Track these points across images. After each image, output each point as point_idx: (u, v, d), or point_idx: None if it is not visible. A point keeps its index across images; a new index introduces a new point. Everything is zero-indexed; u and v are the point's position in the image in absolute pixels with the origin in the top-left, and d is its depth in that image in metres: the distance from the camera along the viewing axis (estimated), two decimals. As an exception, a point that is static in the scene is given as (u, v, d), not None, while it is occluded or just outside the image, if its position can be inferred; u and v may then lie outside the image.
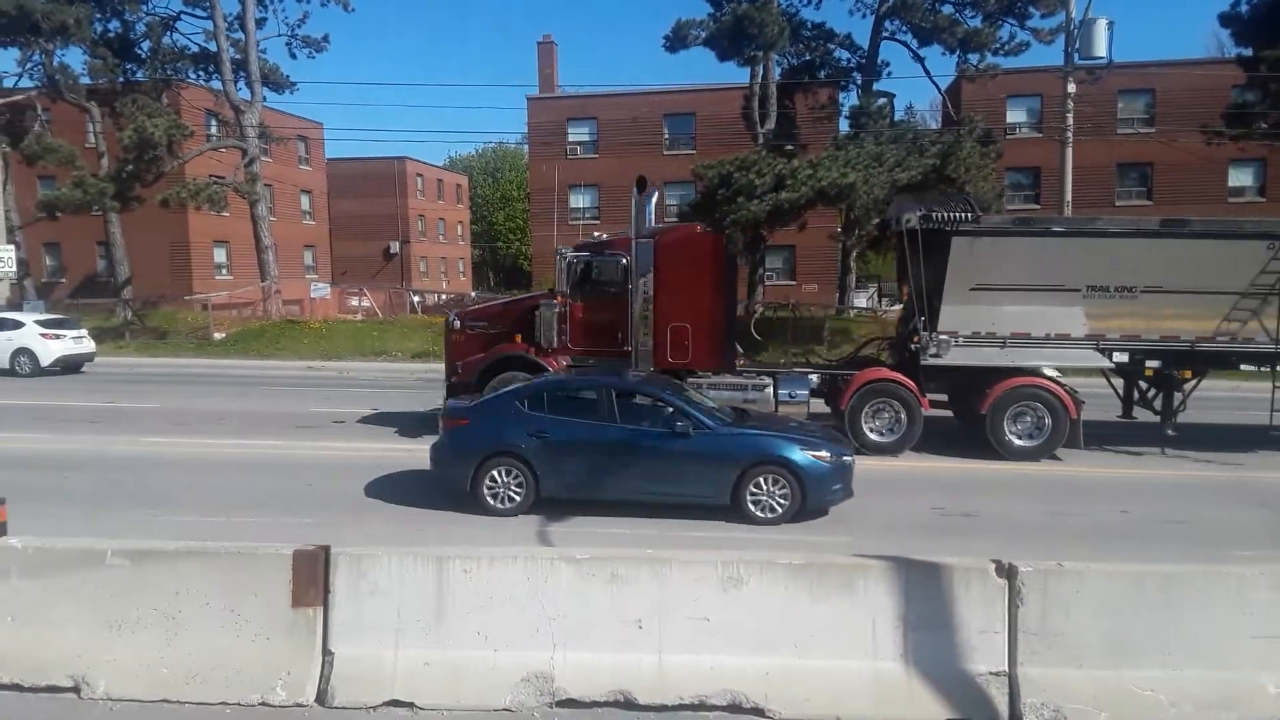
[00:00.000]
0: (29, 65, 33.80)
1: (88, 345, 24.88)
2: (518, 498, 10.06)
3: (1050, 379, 13.67)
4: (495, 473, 10.07)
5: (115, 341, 30.91)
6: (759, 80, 32.90)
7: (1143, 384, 14.56)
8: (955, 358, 13.66)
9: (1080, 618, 5.42)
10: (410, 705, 5.43)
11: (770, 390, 13.84)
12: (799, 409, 13.73)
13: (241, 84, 34.35)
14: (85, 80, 34.21)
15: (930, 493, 11.35)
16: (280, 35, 37.52)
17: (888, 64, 34.80)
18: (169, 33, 35.60)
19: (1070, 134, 26.17)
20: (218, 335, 32.28)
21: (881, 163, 25.67)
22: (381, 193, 64.07)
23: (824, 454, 9.84)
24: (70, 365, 24.01)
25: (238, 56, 34.49)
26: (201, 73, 36.59)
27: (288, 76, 36.99)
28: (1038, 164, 38.07)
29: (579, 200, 44.81)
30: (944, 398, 14.48)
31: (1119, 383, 14.95)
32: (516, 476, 10.05)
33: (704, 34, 31.13)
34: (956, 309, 13.58)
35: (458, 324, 15.33)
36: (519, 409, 10.22)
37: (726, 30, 30.38)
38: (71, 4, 31.24)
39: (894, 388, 13.70)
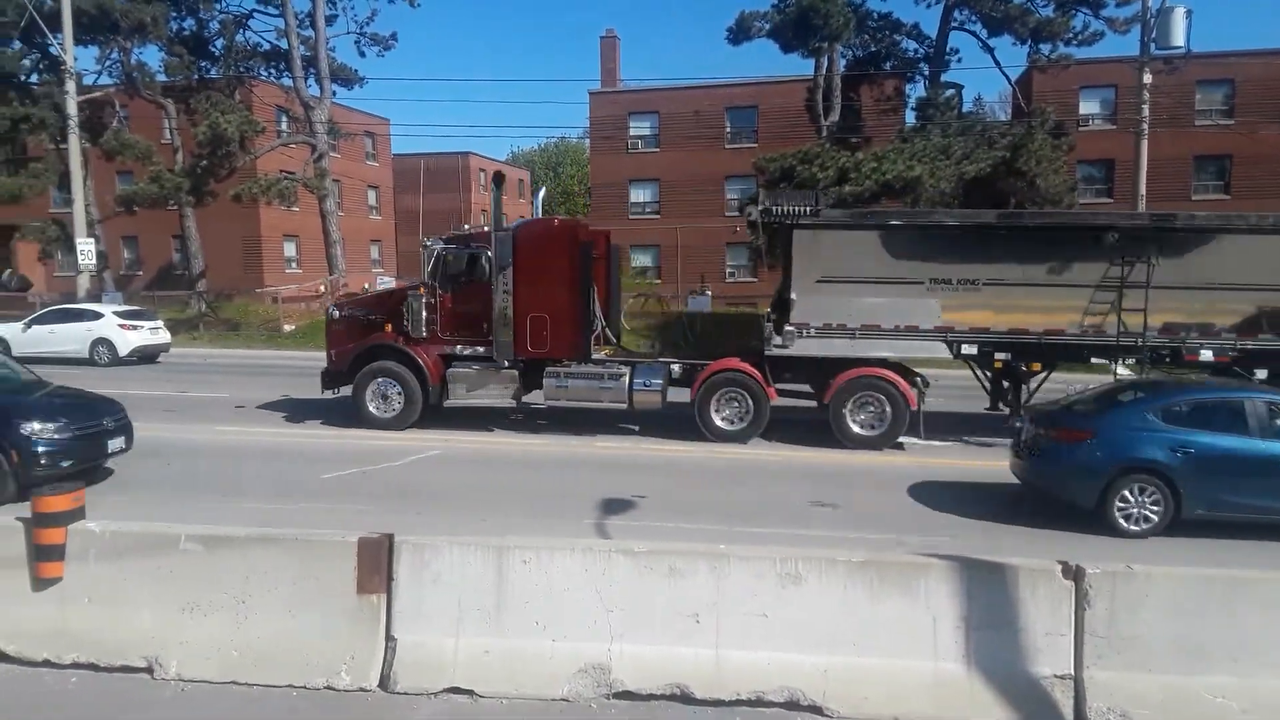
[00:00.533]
0: (108, 63, 34.88)
1: (163, 336, 25.64)
2: (1154, 518, 9.43)
3: (893, 369, 13.76)
4: (1129, 491, 9.49)
5: (189, 333, 31.79)
6: (823, 72, 32.52)
7: (989, 374, 14.53)
8: (804, 349, 13.79)
9: (1148, 621, 5.30)
10: (470, 693, 5.50)
11: (626, 379, 14.07)
12: (653, 398, 14.00)
13: (311, 81, 35.03)
14: (161, 78, 35.16)
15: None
16: (349, 33, 38.23)
17: (956, 54, 33.99)
18: (241, 30, 36.44)
19: (1145, 126, 25.42)
20: (287, 327, 33.01)
21: (949, 155, 25.26)
22: (445, 188, 64.90)
23: None
24: (146, 355, 24.76)
25: (308, 54, 35.15)
26: (273, 70, 37.39)
27: (356, 73, 37.61)
28: (1111, 156, 36.98)
29: (640, 195, 44.83)
30: (807, 387, 14.48)
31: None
32: (1153, 495, 9.43)
33: (768, 26, 30.88)
34: (807, 301, 13.79)
35: (336, 314, 15.71)
36: (1151, 420, 9.59)
37: (791, 21, 30.09)
38: (149, 3, 32.14)
39: (741, 377, 13.96)
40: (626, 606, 5.59)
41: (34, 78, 33.81)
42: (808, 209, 13.67)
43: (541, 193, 18.49)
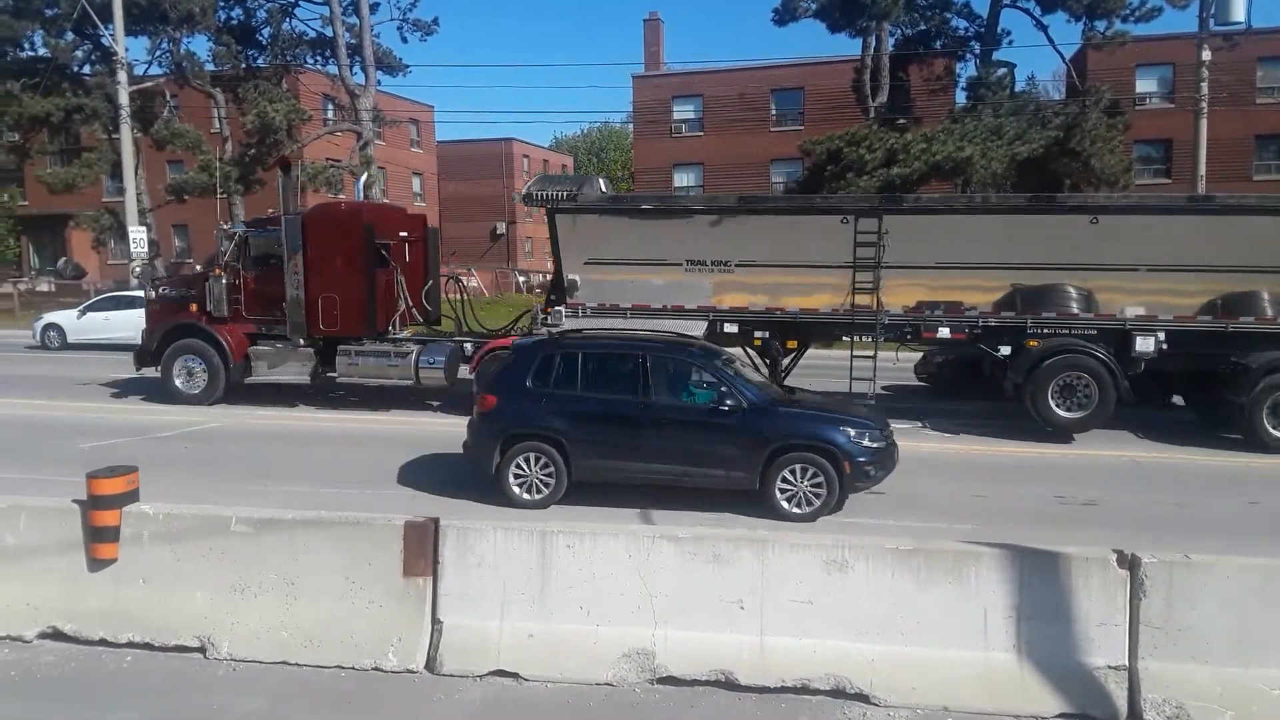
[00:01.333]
0: (158, 53, 35.48)
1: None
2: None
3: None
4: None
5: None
6: (871, 52, 32.07)
7: (752, 352, 14.71)
8: (576, 328, 14.15)
9: (1206, 612, 5.16)
10: (515, 676, 5.53)
11: (413, 357, 14.62)
12: (436, 375, 14.57)
13: (356, 68, 35.34)
14: (210, 67, 35.70)
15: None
16: (392, 19, 38.56)
17: (1008, 33, 33.36)
18: (288, 19, 36.86)
19: (1204, 104, 24.68)
20: (335, 313, 33.40)
21: (1001, 136, 24.79)
22: (489, 174, 65.24)
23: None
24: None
25: (353, 41, 35.45)
26: (318, 58, 37.78)
27: (400, 60, 37.88)
28: (1169, 136, 35.98)
29: (683, 179, 44.66)
30: None
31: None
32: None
33: (814, 5, 30.54)
34: (580, 281, 14.48)
35: (153, 293, 16.29)
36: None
37: (838, 1, 29.69)
38: (197, -8, 32.63)
39: None
40: (670, 592, 5.57)
41: (86, 69, 34.50)
42: (564, 194, 14.41)
43: (363, 178, 19.65)
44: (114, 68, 29.91)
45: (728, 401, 9.20)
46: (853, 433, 9.12)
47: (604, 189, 15.46)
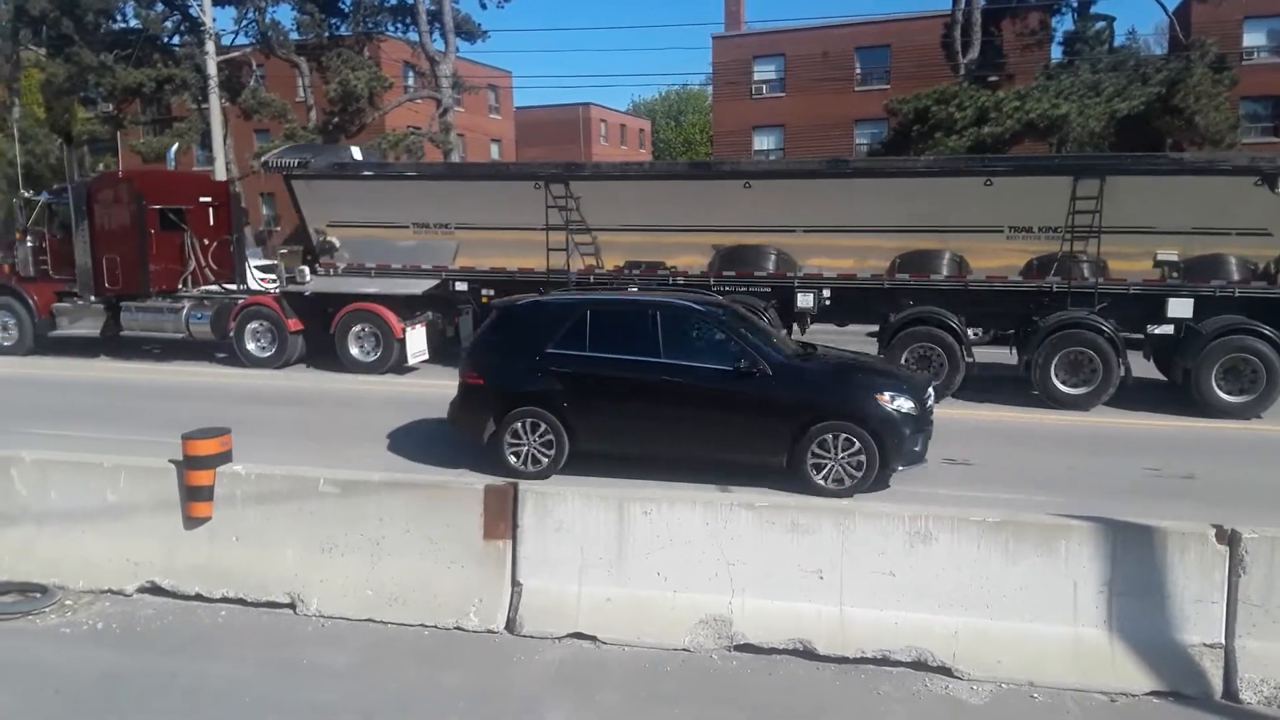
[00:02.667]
0: (244, 23, 36.18)
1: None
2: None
3: (386, 304, 15.07)
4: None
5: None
6: (962, 6, 30.89)
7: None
8: (319, 286, 15.65)
9: (1310, 591, 4.91)
10: (594, 639, 5.58)
11: (184, 313, 16.15)
12: (204, 328, 16.04)
13: (436, 35, 35.53)
14: (294, 36, 36.26)
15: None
16: (471, -16, 38.47)
17: (1108, -15, 31.81)
18: (369, -14, 37.16)
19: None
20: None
21: (1099, 92, 23.76)
22: (566, 140, 65.21)
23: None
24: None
25: (432, 7, 35.62)
26: (399, 25, 38.07)
27: (479, 26, 37.96)
28: (1278, 93, 34.06)
29: (763, 142, 43.96)
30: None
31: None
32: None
33: (900, -41, 29.53)
34: (330, 241, 15.88)
35: None
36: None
37: (925, -46, 28.68)
38: (283, -37, 33.20)
39: (265, 310, 15.75)
40: (748, 560, 5.54)
41: (176, 40, 35.43)
42: (295, 162, 15.68)
43: (173, 149, 21.00)
44: (202, 38, 30.61)
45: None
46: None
47: (355, 157, 16.66)
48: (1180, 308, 12.69)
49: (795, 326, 14.14)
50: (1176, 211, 12.42)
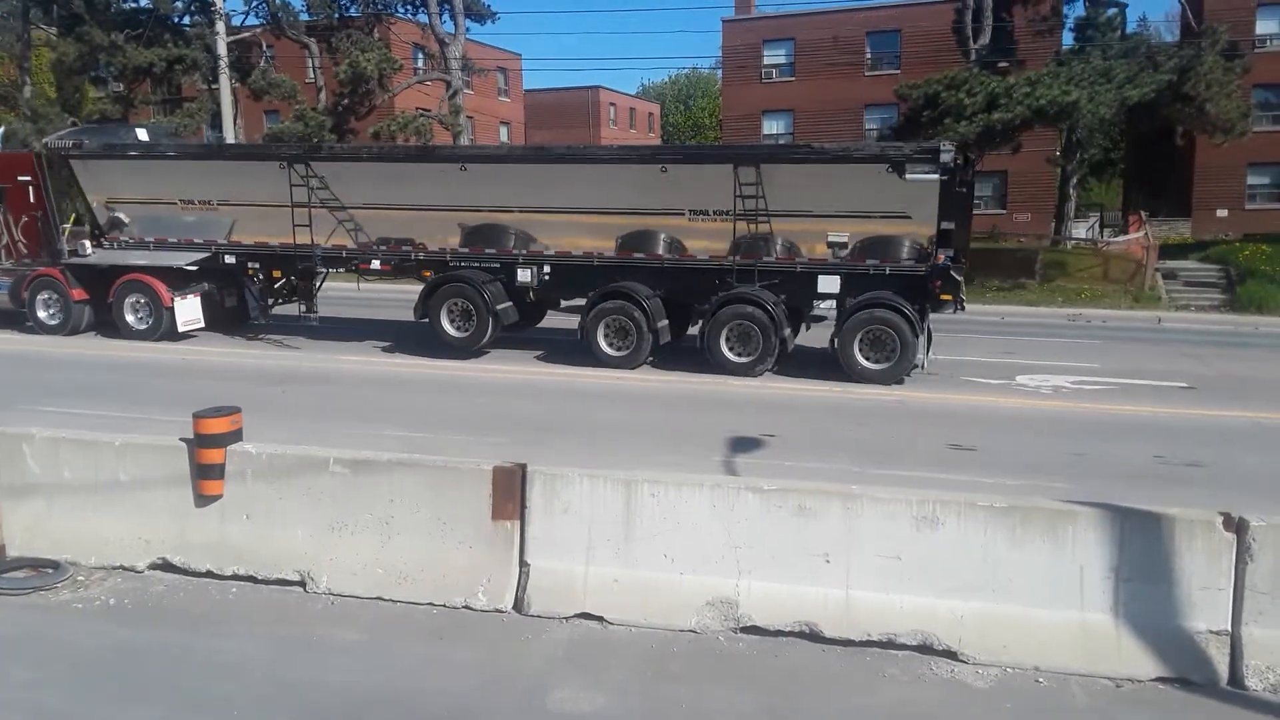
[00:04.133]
0: (254, 3, 36.11)
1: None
2: None
3: (160, 275, 16.20)
4: None
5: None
6: (972, -8, 30.66)
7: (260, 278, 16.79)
8: (96, 258, 16.68)
9: (1317, 578, 4.93)
10: (601, 619, 5.62)
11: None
12: (1, 298, 17.10)
13: (446, 17, 35.42)
14: (304, 17, 36.20)
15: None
16: (482, -33, 38.28)
17: (1120, -29, 31.45)
18: (379, -32, 37.02)
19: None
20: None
21: (1109, 79, 23.56)
22: (575, 123, 65.04)
23: None
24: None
25: (442, -12, 35.50)
26: (409, 7, 37.96)
27: (489, 7, 37.81)
28: (1292, 79, 33.80)
29: (773, 126, 43.77)
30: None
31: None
32: None
33: (912, -56, 29.28)
34: (118, 216, 16.76)
35: None
36: None
37: (937, -61, 28.44)
38: (293, -58, 33.05)
39: (54, 282, 16.64)
40: (754, 543, 5.57)
41: (186, 20, 35.37)
42: (71, 144, 16.71)
43: (1, 130, 22.39)
44: (212, 18, 30.60)
45: None
46: None
47: (140, 137, 17.61)
48: (829, 284, 13.78)
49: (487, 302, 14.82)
50: (832, 197, 13.42)
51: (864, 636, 5.33)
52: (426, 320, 15.07)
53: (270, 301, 17.30)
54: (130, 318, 16.45)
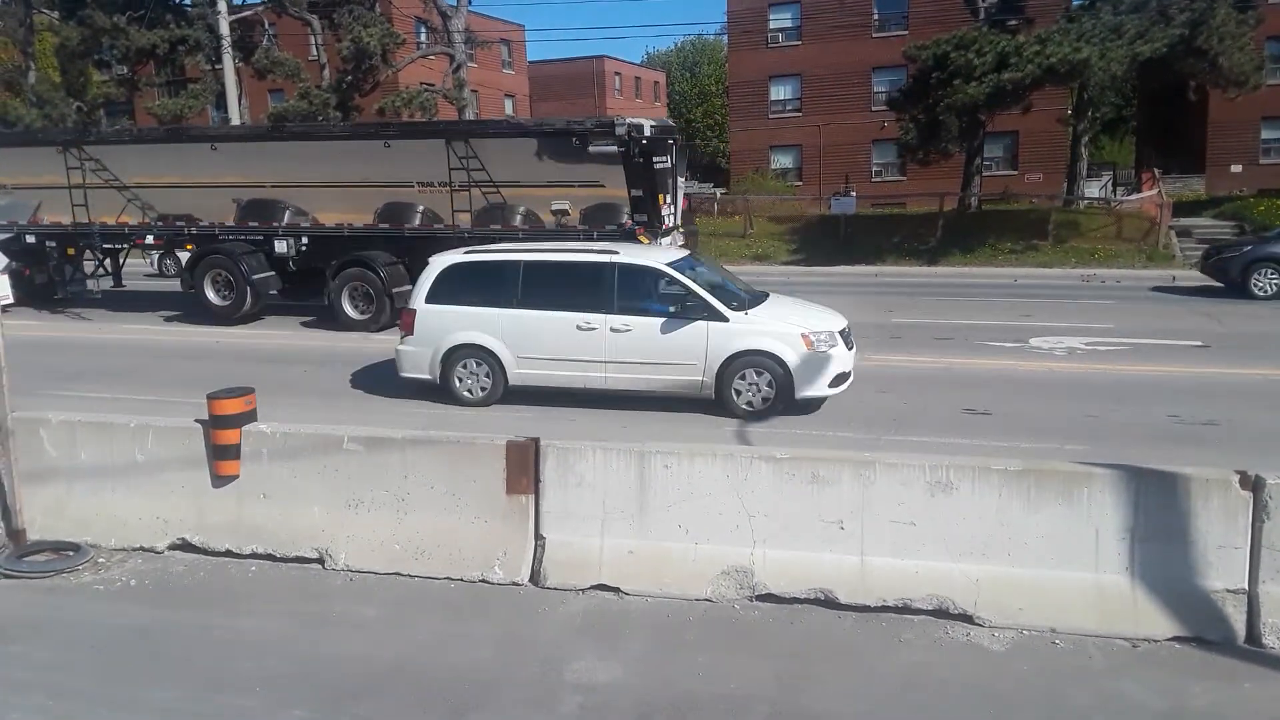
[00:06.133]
0: (256, -20, 35.87)
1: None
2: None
3: None
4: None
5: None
6: (980, -51, 30.16)
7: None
8: None
9: (1334, 536, 4.91)
10: (616, 590, 5.65)
11: None
12: None
13: (448, -11, 35.11)
14: (306, -7, 35.96)
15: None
16: (483, -63, 37.84)
17: (1130, -78, 30.82)
18: (380, -60, 36.65)
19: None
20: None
21: (1121, 35, 23.18)
22: (580, 94, 64.51)
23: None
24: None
25: (443, -41, 35.15)
26: (411, -22, 37.65)
27: (491, -22, 37.45)
28: (1305, 31, 33.17)
29: (780, 92, 43.34)
30: None
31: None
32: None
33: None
34: None
35: None
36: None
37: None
38: (291, -83, 32.72)
39: None
40: (768, 512, 5.58)
41: (188, 0, 35.18)
42: None
43: None
44: (214, -2, 30.38)
45: None
46: None
47: None
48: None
49: (243, 272, 15.94)
50: (541, 168, 14.55)
51: (879, 602, 5.35)
52: (193, 290, 16.36)
53: (77, 276, 18.16)
54: None
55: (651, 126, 14.75)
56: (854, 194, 32.73)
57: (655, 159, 14.66)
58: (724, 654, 5.01)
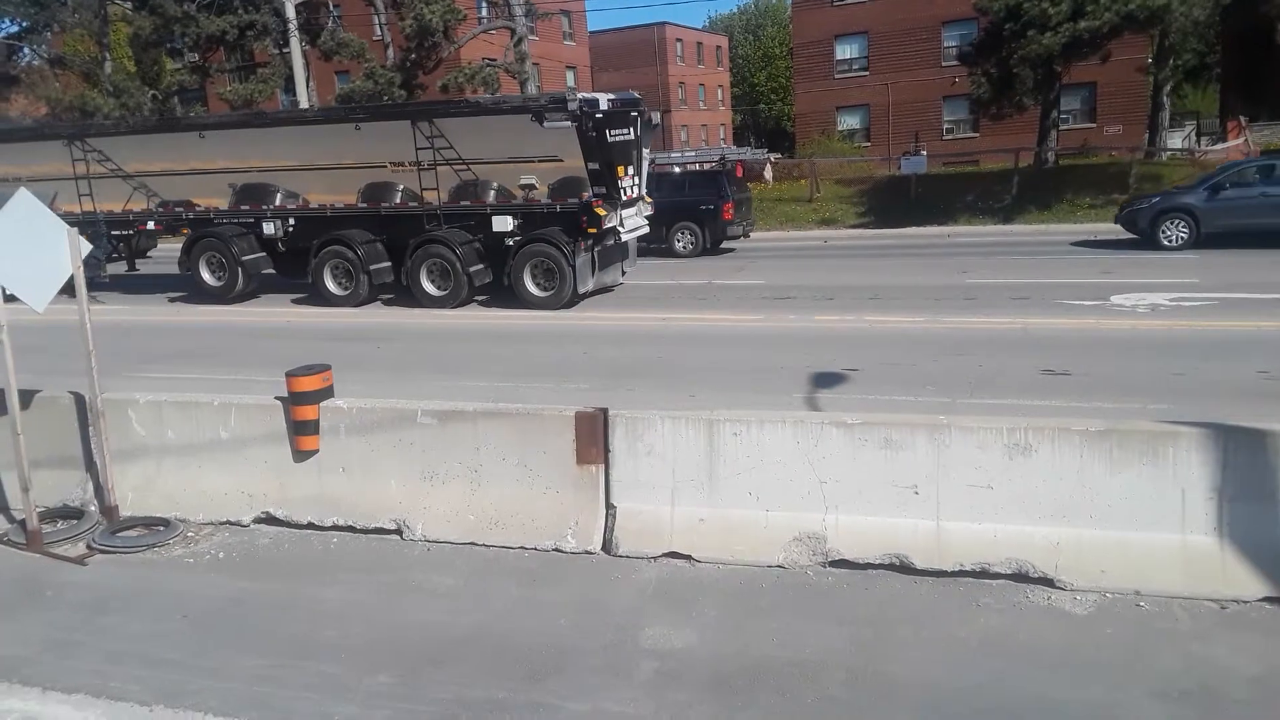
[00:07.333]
0: (320, -37, 36.23)
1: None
2: None
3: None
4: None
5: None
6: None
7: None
8: None
9: None
10: (688, 557, 5.67)
11: None
12: None
13: (507, -38, 35.05)
14: (369, -29, 36.28)
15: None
16: (540, -93, 37.66)
17: None
18: (441, -84, 36.69)
19: None
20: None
21: (1203, -23, 22.15)
22: (641, 62, 64.12)
23: None
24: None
25: (502, -67, 35.10)
26: (471, -47, 37.66)
27: (549, -51, 37.31)
28: None
29: (846, 51, 42.54)
30: None
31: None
32: None
33: None
34: None
35: None
36: None
37: None
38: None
39: None
40: (840, 478, 5.53)
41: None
42: None
43: None
44: (280, -19, 30.83)
45: None
46: None
47: None
48: (502, 224, 15.29)
49: (235, 253, 16.78)
50: (504, 144, 14.97)
51: (956, 567, 5.27)
52: (190, 272, 17.16)
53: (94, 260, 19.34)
54: None
55: (610, 100, 14.93)
56: (924, 153, 32.03)
57: (613, 132, 14.90)
58: (798, 620, 4.99)
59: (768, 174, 35.89)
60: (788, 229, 27.54)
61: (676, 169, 25.77)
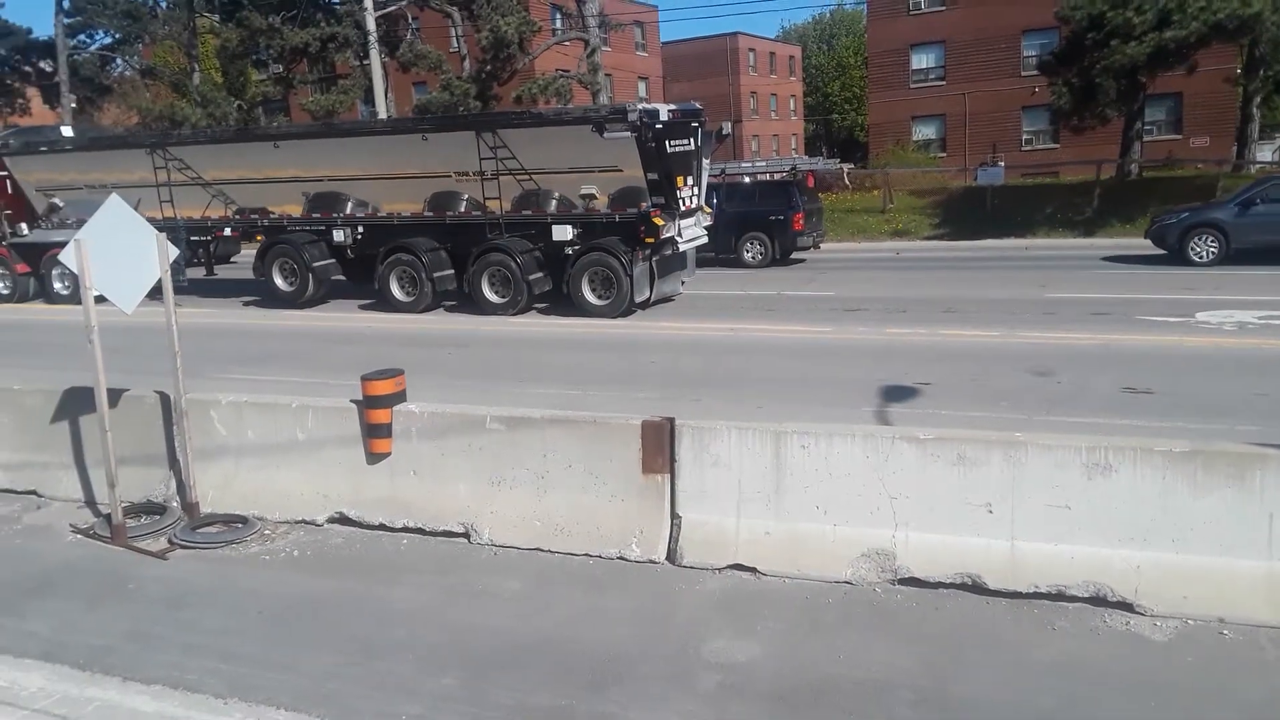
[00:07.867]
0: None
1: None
2: None
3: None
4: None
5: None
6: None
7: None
8: (31, 238, 19.84)
9: None
10: (753, 570, 5.62)
11: None
12: None
13: (582, -27, 35.40)
14: (447, -14, 36.95)
15: None
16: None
17: None
18: (516, -71, 37.26)
19: None
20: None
21: (1296, -16, 21.35)
22: (713, 72, 64.14)
23: None
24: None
25: (576, -54, 35.45)
26: (546, -33, 38.19)
27: (624, -39, 37.57)
28: None
29: (922, 60, 41.98)
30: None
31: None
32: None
33: None
34: (54, 202, 19.77)
35: None
36: None
37: None
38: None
39: (2, 258, 20.12)
40: (911, 494, 5.43)
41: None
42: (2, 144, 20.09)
43: None
44: (361, -4, 31.60)
45: None
46: None
47: (65, 134, 20.76)
48: (561, 233, 15.44)
49: (306, 260, 17.21)
50: (567, 155, 15.06)
51: (1031, 588, 5.13)
52: (264, 278, 17.65)
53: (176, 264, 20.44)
54: (57, 285, 19.48)
55: (670, 110, 15.09)
56: (1002, 164, 31.39)
57: (673, 142, 15.01)
58: (865, 637, 4.92)
59: (846, 180, 35.51)
60: (859, 240, 27.25)
61: (746, 179, 25.56)
